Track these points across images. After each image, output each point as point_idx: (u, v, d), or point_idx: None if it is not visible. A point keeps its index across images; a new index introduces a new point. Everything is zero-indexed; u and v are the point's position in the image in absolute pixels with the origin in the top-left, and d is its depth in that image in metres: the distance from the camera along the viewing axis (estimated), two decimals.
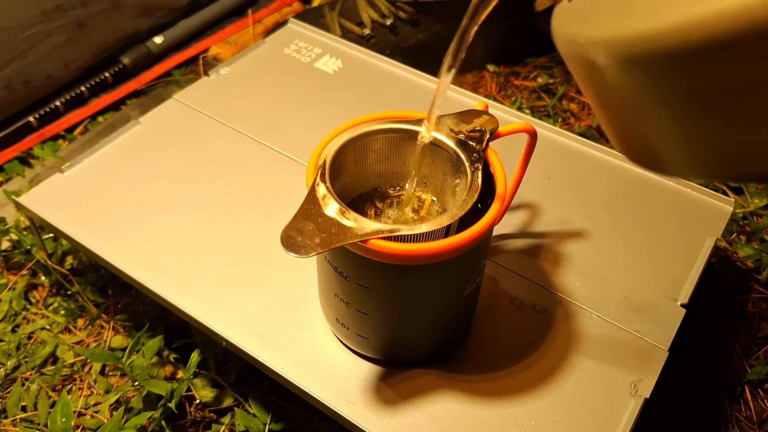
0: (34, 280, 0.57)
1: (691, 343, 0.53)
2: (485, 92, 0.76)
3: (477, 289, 0.40)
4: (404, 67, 0.61)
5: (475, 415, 0.39)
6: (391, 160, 0.40)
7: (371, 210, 0.40)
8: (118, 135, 0.55)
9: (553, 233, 0.49)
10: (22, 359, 0.52)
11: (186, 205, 0.50)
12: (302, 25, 0.66)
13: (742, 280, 0.58)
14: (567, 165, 0.54)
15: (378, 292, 0.36)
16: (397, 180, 0.41)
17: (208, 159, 0.53)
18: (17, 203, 0.50)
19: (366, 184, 0.41)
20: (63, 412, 0.45)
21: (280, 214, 0.36)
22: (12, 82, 0.68)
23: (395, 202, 0.41)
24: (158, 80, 0.78)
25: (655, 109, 0.23)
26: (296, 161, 0.53)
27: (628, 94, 0.24)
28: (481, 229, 0.33)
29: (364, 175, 0.40)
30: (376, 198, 0.41)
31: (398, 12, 0.73)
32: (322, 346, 0.42)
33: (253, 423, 0.48)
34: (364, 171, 0.40)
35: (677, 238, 0.49)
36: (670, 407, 0.50)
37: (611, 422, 0.39)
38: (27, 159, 0.69)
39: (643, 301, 0.45)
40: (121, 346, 0.53)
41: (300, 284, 0.45)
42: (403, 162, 0.40)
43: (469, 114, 0.38)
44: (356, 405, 0.39)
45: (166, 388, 0.46)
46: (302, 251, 0.31)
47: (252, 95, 0.59)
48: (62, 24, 0.70)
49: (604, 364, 0.42)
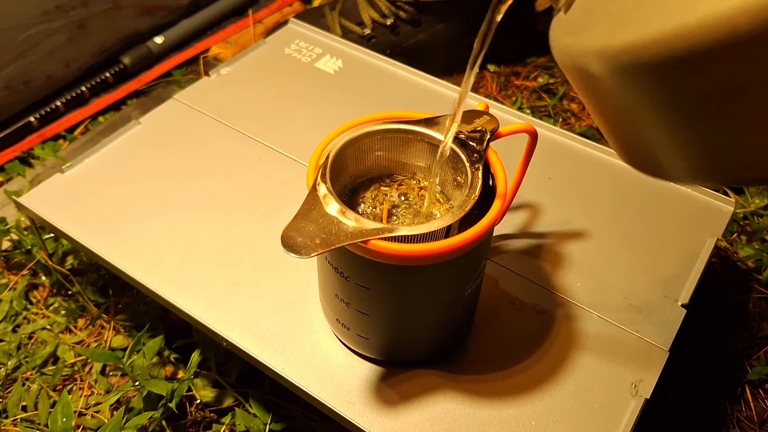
0: (34, 280, 0.58)
1: (691, 344, 0.53)
2: (486, 92, 0.76)
3: (477, 289, 0.40)
4: (404, 67, 0.61)
5: (476, 415, 0.39)
6: (391, 161, 0.40)
7: (376, 194, 0.40)
8: (118, 135, 0.55)
9: (554, 233, 0.49)
10: (23, 359, 0.52)
11: (186, 205, 0.50)
12: (303, 25, 0.66)
13: (742, 280, 0.58)
14: (567, 165, 0.54)
15: (378, 293, 0.36)
16: (400, 173, 0.41)
17: (208, 159, 0.53)
18: (18, 203, 0.50)
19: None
20: (63, 412, 0.45)
21: (280, 215, 0.36)
22: (13, 82, 0.69)
23: (398, 193, 0.41)
24: (159, 80, 0.78)
25: (649, 116, 0.24)
26: (296, 161, 0.53)
27: (622, 102, 0.24)
28: (482, 229, 0.33)
29: (365, 175, 0.40)
30: (381, 183, 0.41)
31: (399, 12, 0.73)
32: (323, 347, 0.42)
33: (254, 423, 0.48)
34: (364, 171, 0.40)
35: (678, 238, 0.49)
36: (670, 407, 0.50)
37: (612, 423, 0.39)
38: (28, 159, 0.69)
39: (644, 301, 0.45)
40: (122, 346, 0.53)
41: (300, 284, 0.45)
42: (404, 162, 0.40)
43: (469, 114, 0.38)
44: (356, 405, 0.39)
45: (166, 388, 0.46)
46: (303, 252, 0.31)
47: (252, 95, 0.59)
48: (63, 24, 0.70)
49: (605, 364, 0.42)
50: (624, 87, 0.23)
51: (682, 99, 0.22)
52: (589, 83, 0.25)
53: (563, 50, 0.26)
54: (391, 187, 0.41)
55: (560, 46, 0.26)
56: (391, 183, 0.41)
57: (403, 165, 0.40)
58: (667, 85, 0.21)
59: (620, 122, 0.26)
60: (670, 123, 0.23)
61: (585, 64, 0.24)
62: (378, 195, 0.41)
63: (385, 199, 0.40)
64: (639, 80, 0.22)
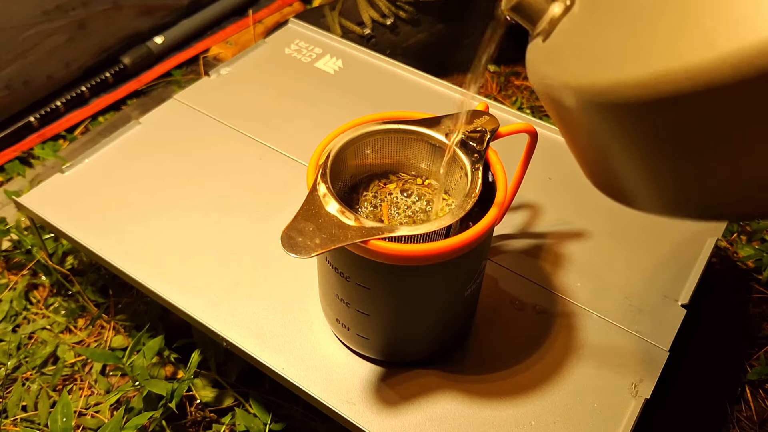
0: (34, 280, 0.58)
1: (691, 344, 0.53)
2: (486, 92, 0.76)
3: (477, 289, 0.40)
4: (404, 67, 0.61)
5: (476, 415, 0.39)
6: (391, 161, 0.40)
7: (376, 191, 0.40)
8: (118, 135, 0.55)
9: (554, 233, 0.49)
10: (23, 359, 0.52)
11: (186, 205, 0.50)
12: (303, 25, 0.66)
13: (742, 280, 0.58)
14: (567, 165, 0.53)
15: (378, 293, 0.36)
16: (399, 173, 0.41)
17: (208, 159, 0.53)
18: (18, 203, 0.50)
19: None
20: (63, 412, 0.45)
21: (280, 215, 0.36)
22: (13, 82, 0.69)
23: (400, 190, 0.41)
24: (159, 80, 0.78)
25: (623, 151, 0.24)
26: (296, 161, 0.53)
27: (596, 135, 0.24)
28: (482, 229, 0.33)
29: (365, 175, 0.40)
30: (381, 183, 0.41)
31: (399, 12, 0.73)
32: (323, 347, 0.42)
33: (254, 423, 0.48)
34: (364, 171, 0.40)
35: (678, 238, 0.49)
36: (670, 407, 0.50)
37: (612, 423, 0.39)
38: (28, 159, 0.69)
39: (644, 301, 0.45)
40: (122, 346, 0.53)
41: (300, 284, 0.45)
42: (404, 162, 0.40)
43: (469, 114, 0.38)
44: (356, 405, 0.39)
45: (166, 388, 0.46)
46: (303, 252, 0.31)
47: (252, 95, 0.59)
48: (63, 24, 0.70)
49: (605, 364, 0.42)
50: (600, 122, 0.23)
51: (658, 137, 0.22)
52: (563, 113, 0.25)
53: (540, 78, 0.26)
54: (391, 187, 0.41)
55: (537, 73, 0.26)
56: (391, 183, 0.41)
57: (403, 165, 0.40)
58: (643, 124, 0.22)
59: (592, 152, 0.26)
60: (645, 158, 0.23)
61: (561, 97, 0.24)
62: (378, 195, 0.41)
63: (386, 198, 0.40)
64: (616, 117, 0.22)
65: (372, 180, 0.41)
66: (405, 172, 0.41)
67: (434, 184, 0.40)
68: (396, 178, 0.41)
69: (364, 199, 0.40)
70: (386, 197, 0.41)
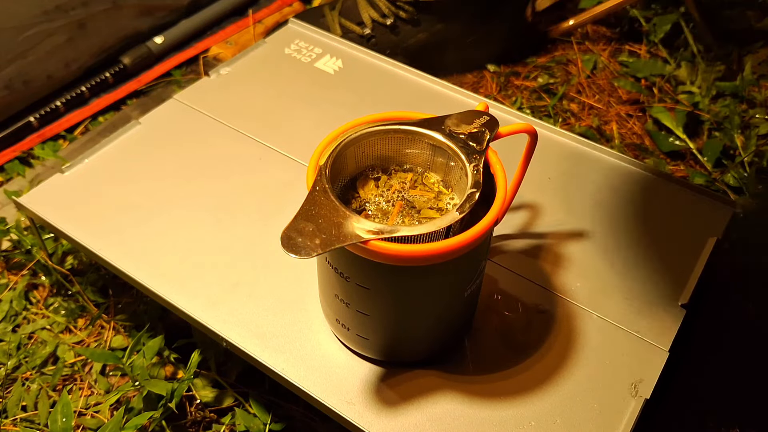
0: (34, 280, 0.58)
1: (691, 344, 0.53)
2: (485, 92, 0.76)
3: (477, 289, 0.40)
4: (404, 67, 0.61)
5: (476, 415, 0.39)
6: (391, 161, 0.40)
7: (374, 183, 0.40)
8: (118, 135, 0.55)
9: (554, 233, 0.49)
10: (23, 359, 0.52)
11: (186, 205, 0.50)
12: (302, 25, 0.66)
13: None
14: (567, 165, 0.54)
15: (378, 293, 0.36)
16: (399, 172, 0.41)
17: (208, 159, 0.53)
18: (18, 203, 0.50)
19: None
20: (63, 411, 0.45)
21: (280, 215, 0.36)
22: (12, 82, 0.69)
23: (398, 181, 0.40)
24: (159, 80, 0.78)
25: None
26: (296, 161, 0.53)
27: None
28: (482, 230, 0.33)
29: (365, 175, 0.40)
30: (382, 183, 0.41)
31: (399, 12, 0.73)
32: (323, 347, 0.42)
33: (254, 423, 0.48)
34: (364, 171, 0.40)
35: (678, 239, 0.49)
36: (670, 407, 0.50)
37: (612, 423, 0.39)
38: (27, 159, 0.69)
39: (644, 301, 0.45)
40: (122, 346, 0.53)
41: (300, 285, 0.45)
42: (404, 162, 0.40)
43: (469, 114, 0.38)
44: (356, 406, 0.39)
45: (166, 388, 0.46)
46: (302, 252, 0.31)
47: (252, 95, 0.59)
48: (63, 24, 0.70)
49: (605, 364, 0.42)
50: None
51: None
52: None
53: None
54: (390, 187, 0.41)
55: None
56: (391, 183, 0.41)
57: (403, 165, 0.40)
58: None
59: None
60: None
61: None
62: (378, 195, 0.41)
63: (386, 198, 0.40)
64: None
65: (372, 180, 0.41)
66: (405, 172, 0.41)
67: (434, 184, 0.40)
68: (396, 178, 0.41)
69: (364, 200, 0.40)
70: (386, 197, 0.41)
